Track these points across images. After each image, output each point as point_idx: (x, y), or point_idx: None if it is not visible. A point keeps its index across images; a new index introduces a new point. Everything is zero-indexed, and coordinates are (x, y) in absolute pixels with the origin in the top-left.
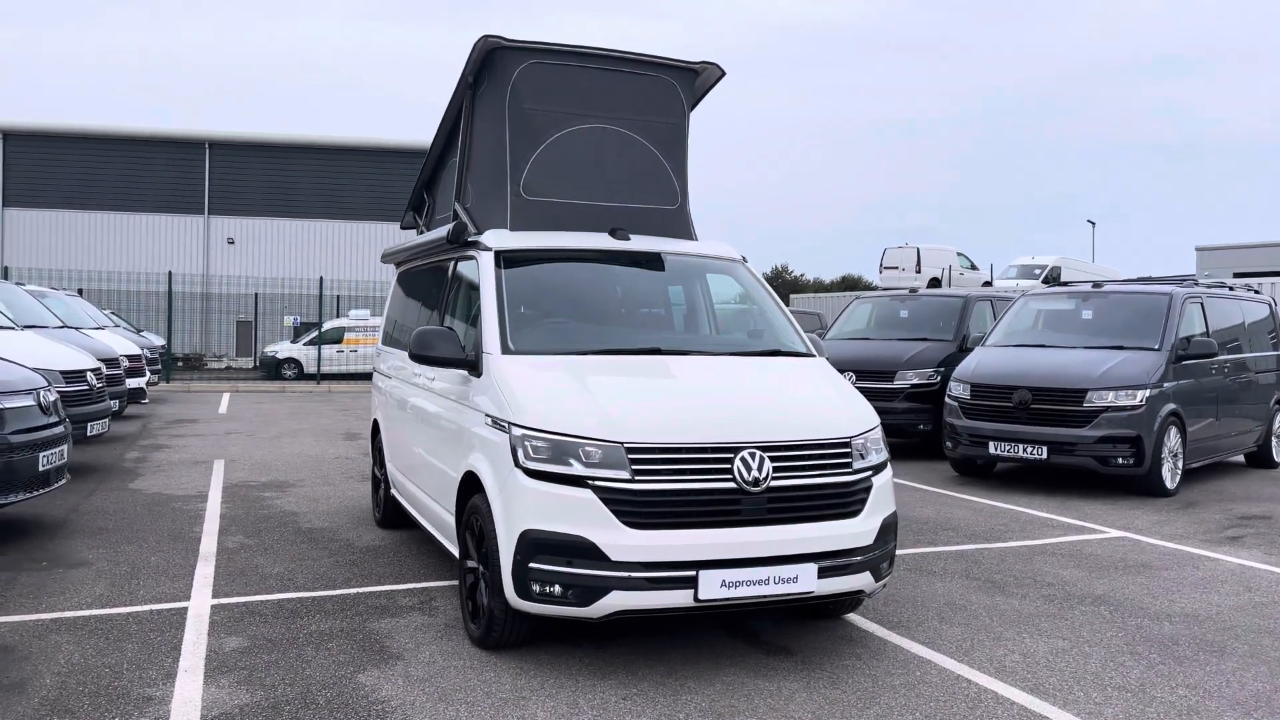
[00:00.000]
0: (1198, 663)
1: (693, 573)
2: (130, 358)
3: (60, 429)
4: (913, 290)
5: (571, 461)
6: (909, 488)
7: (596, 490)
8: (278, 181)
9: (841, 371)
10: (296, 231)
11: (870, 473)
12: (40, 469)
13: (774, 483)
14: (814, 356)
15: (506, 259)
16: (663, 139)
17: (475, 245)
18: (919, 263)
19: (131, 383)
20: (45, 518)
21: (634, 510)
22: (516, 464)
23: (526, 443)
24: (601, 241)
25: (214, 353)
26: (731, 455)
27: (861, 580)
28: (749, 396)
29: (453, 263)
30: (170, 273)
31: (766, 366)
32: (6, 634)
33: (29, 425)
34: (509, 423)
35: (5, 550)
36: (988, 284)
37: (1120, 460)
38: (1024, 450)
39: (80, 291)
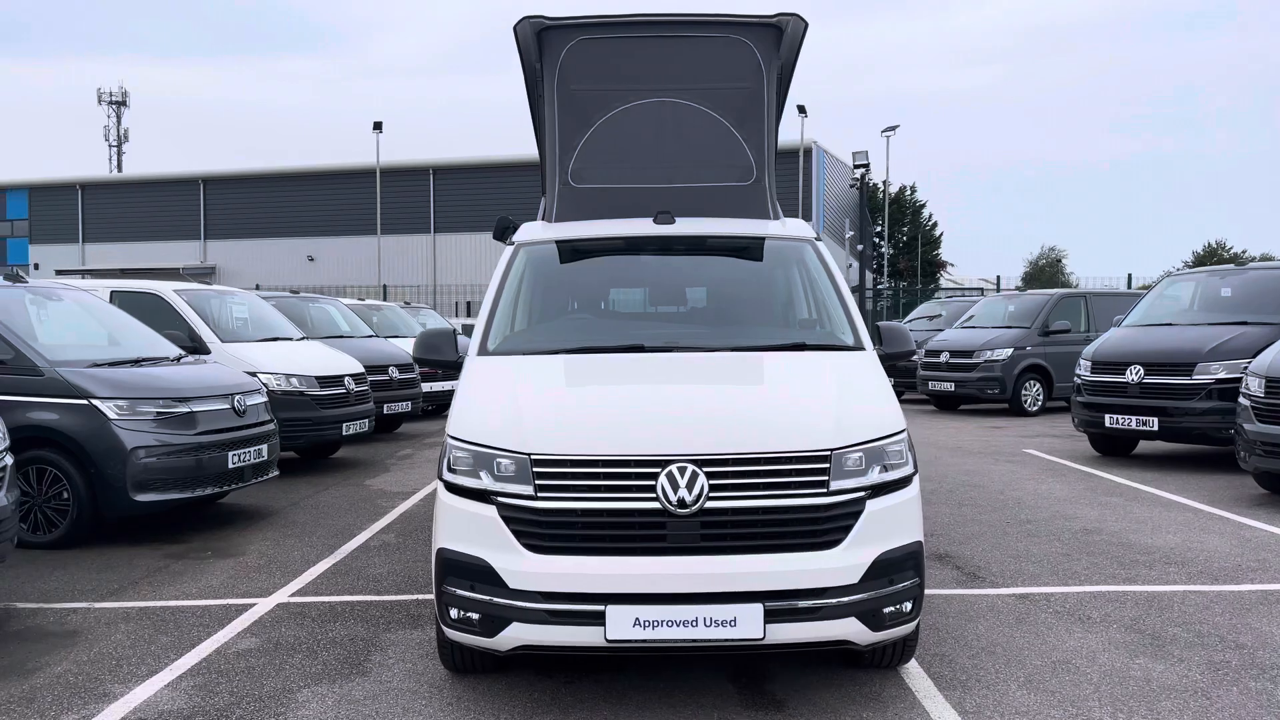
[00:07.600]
0: None
1: (600, 607)
2: None
3: (264, 428)
4: (1236, 262)
5: (482, 474)
6: (1177, 505)
7: (500, 508)
8: None
9: (1126, 365)
10: None
11: (863, 494)
12: (231, 465)
13: (710, 504)
14: (861, 350)
15: (531, 253)
16: (733, 107)
17: (510, 241)
18: None
19: (439, 386)
20: (264, 509)
21: (536, 532)
22: (439, 475)
23: (452, 453)
24: (640, 228)
25: None
26: (657, 470)
27: (842, 628)
28: (706, 400)
29: None
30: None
31: (768, 363)
32: (88, 618)
33: (219, 426)
34: (445, 431)
35: (191, 538)
36: None
37: None
38: None
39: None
